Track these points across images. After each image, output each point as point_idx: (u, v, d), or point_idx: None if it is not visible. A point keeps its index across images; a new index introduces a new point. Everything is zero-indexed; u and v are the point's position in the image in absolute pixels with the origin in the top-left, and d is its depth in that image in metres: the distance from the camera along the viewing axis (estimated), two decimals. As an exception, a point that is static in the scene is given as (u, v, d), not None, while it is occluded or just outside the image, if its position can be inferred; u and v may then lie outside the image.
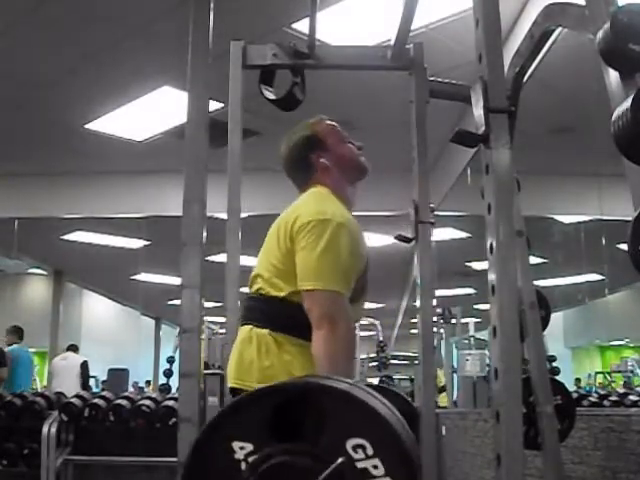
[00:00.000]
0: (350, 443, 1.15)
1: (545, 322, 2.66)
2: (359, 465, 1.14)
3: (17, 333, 7.49)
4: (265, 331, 1.77)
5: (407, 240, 2.64)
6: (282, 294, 1.76)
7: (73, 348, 8.47)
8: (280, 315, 1.77)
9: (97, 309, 15.95)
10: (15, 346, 7.38)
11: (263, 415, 1.18)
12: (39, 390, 9.08)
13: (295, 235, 1.74)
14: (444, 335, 10.02)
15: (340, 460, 1.13)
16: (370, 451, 1.15)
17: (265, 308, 1.81)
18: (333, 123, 2.05)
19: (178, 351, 2.30)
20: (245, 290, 1.99)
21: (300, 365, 1.70)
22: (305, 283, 1.70)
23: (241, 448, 1.17)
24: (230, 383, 1.80)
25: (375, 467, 1.14)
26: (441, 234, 8.66)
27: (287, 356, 1.73)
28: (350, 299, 1.76)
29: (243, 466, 1.17)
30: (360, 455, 1.15)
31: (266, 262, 1.83)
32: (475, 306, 12.02)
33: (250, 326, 1.81)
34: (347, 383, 1.27)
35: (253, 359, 1.75)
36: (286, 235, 1.77)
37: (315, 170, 1.96)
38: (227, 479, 1.18)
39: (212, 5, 2.44)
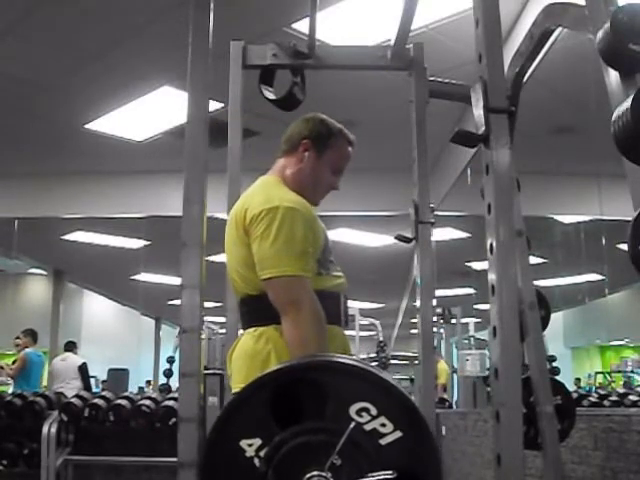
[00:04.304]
0: (353, 409, 1.18)
1: (545, 322, 2.66)
2: (367, 427, 1.18)
3: (32, 336, 7.63)
4: (250, 330, 1.79)
5: (407, 240, 2.64)
6: (256, 292, 1.77)
7: (71, 346, 8.41)
8: (259, 309, 1.77)
9: (97, 309, 15.95)
10: (30, 349, 7.49)
11: (262, 407, 1.20)
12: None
13: (248, 227, 1.75)
14: (444, 335, 10.02)
15: (352, 425, 1.16)
16: (374, 411, 1.19)
17: (249, 309, 1.83)
18: (350, 151, 2.00)
19: (178, 351, 2.30)
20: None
21: (279, 351, 1.70)
22: (263, 273, 1.71)
23: (250, 445, 1.19)
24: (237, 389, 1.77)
25: (383, 425, 1.19)
26: (441, 234, 8.66)
27: (268, 345, 1.73)
28: (319, 272, 1.78)
29: (257, 462, 1.18)
30: (366, 418, 1.18)
31: (234, 262, 1.84)
32: (475, 306, 12.01)
33: (243, 332, 1.84)
34: (332, 356, 1.31)
35: (254, 362, 1.75)
36: (239, 229, 1.78)
37: (292, 151, 1.94)
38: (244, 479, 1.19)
39: (212, 5, 2.44)
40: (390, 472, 1.16)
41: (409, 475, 1.18)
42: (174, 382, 8.16)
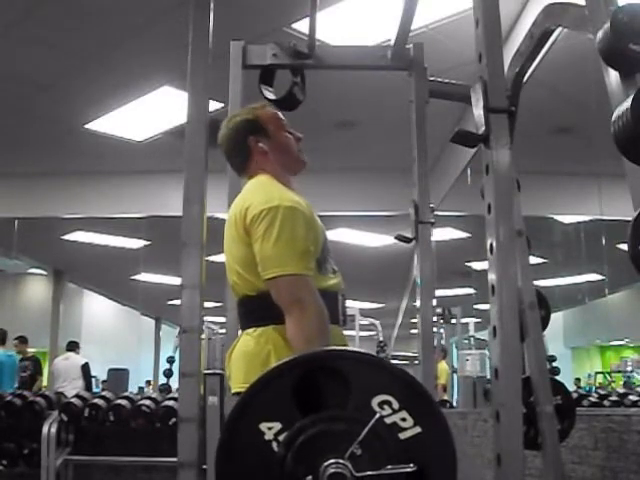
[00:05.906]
0: (375, 401, 1.19)
1: (545, 322, 2.66)
2: (388, 420, 1.19)
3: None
4: (250, 330, 1.78)
5: (407, 240, 2.65)
6: (254, 293, 1.77)
7: (73, 346, 8.39)
8: (258, 309, 1.78)
9: (97, 309, 15.93)
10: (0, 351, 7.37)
11: (285, 391, 1.20)
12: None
13: (249, 227, 1.75)
14: (444, 335, 10.02)
15: (377, 416, 1.17)
16: (396, 405, 1.19)
17: (247, 310, 1.83)
18: (276, 111, 2.03)
19: (178, 351, 2.30)
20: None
21: (279, 351, 1.71)
22: (266, 272, 1.71)
23: (269, 428, 1.19)
24: (237, 389, 1.78)
25: (403, 419, 1.20)
26: (441, 234, 8.65)
27: (268, 345, 1.73)
28: (317, 271, 1.77)
29: (275, 446, 1.19)
30: (387, 411, 1.19)
31: (233, 262, 1.83)
32: (475, 306, 12.02)
33: (242, 332, 1.83)
34: (359, 349, 1.31)
35: (251, 360, 1.75)
36: (239, 229, 1.78)
37: (252, 155, 1.94)
38: (261, 462, 1.19)
39: (212, 5, 2.45)
40: (411, 465, 1.17)
41: (423, 471, 1.19)
42: (174, 382, 8.16)
